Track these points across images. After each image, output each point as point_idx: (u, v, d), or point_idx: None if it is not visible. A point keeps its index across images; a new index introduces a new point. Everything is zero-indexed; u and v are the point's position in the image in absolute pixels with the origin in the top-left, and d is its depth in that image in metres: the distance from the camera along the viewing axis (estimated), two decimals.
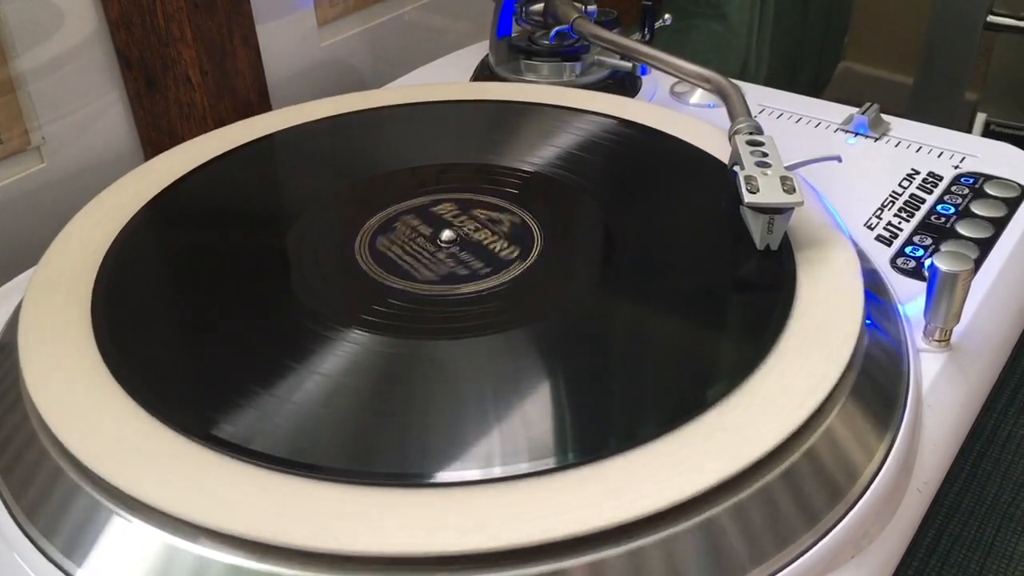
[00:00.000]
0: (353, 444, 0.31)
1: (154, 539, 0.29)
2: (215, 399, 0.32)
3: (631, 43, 0.52)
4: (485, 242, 0.40)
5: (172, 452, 0.30)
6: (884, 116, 0.54)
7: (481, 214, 0.42)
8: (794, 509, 0.31)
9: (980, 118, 1.08)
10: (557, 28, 0.56)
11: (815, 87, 1.20)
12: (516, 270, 0.39)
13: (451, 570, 0.28)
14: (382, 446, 0.30)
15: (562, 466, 0.30)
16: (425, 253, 0.40)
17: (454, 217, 0.42)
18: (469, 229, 0.41)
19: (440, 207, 0.43)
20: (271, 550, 0.28)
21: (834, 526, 0.31)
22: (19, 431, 0.33)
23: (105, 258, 0.39)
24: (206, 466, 0.30)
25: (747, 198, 0.38)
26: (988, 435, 0.46)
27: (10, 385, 0.35)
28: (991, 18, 0.98)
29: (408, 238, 0.41)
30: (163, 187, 0.44)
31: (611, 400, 0.32)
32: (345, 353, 0.34)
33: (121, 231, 0.41)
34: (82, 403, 0.32)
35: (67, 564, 0.30)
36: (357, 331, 0.35)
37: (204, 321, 0.37)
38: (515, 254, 0.39)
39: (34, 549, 0.30)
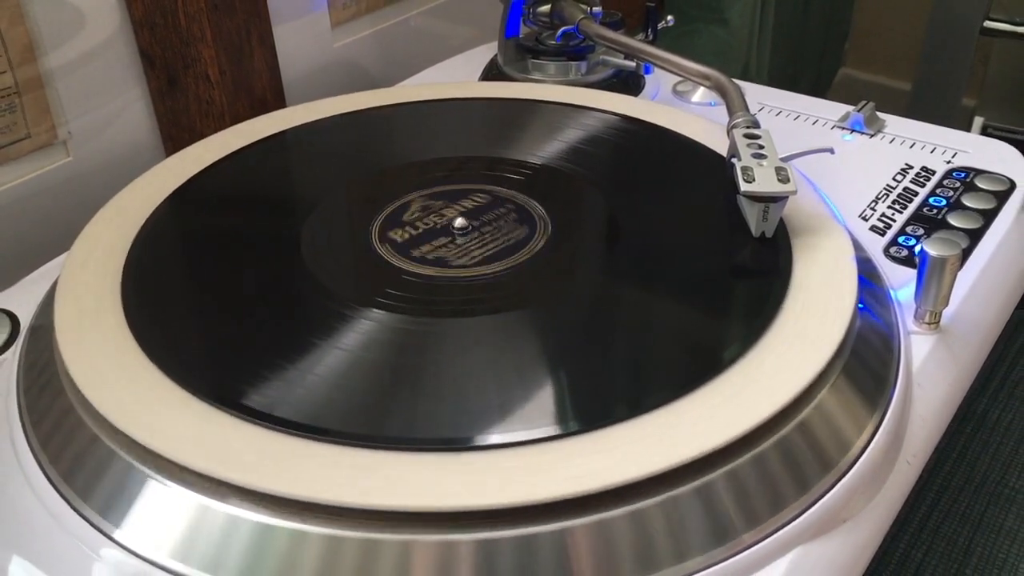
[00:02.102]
0: (371, 411, 0.33)
1: (187, 500, 0.31)
2: (242, 372, 0.34)
3: (635, 42, 0.54)
4: (495, 229, 0.42)
5: (204, 420, 0.32)
6: (879, 114, 0.56)
7: (491, 204, 0.44)
8: (786, 477, 0.32)
9: (977, 122, 1.09)
10: (563, 28, 0.58)
11: (816, 93, 1.21)
12: (524, 255, 0.41)
13: (457, 526, 0.29)
14: (397, 413, 0.32)
15: (565, 433, 0.31)
16: (438, 239, 0.42)
17: (466, 206, 0.44)
18: (480, 217, 0.43)
19: (452, 197, 0.45)
20: (294, 506, 0.30)
21: (825, 493, 0.33)
22: (56, 404, 0.35)
23: (134, 244, 0.41)
24: (235, 432, 0.32)
25: (743, 187, 0.40)
26: (978, 418, 0.48)
27: (46, 361, 0.37)
28: (987, 23, 1.00)
29: (421, 225, 0.42)
30: (189, 177, 0.46)
31: (614, 373, 0.34)
32: (364, 330, 0.36)
33: (149, 218, 0.43)
34: (118, 378, 0.34)
35: (105, 525, 0.32)
36: (375, 310, 0.37)
37: (230, 301, 0.39)
38: (524, 240, 0.41)
39: (74, 514, 0.32)
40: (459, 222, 0.42)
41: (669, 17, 0.61)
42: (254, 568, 0.29)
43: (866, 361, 0.37)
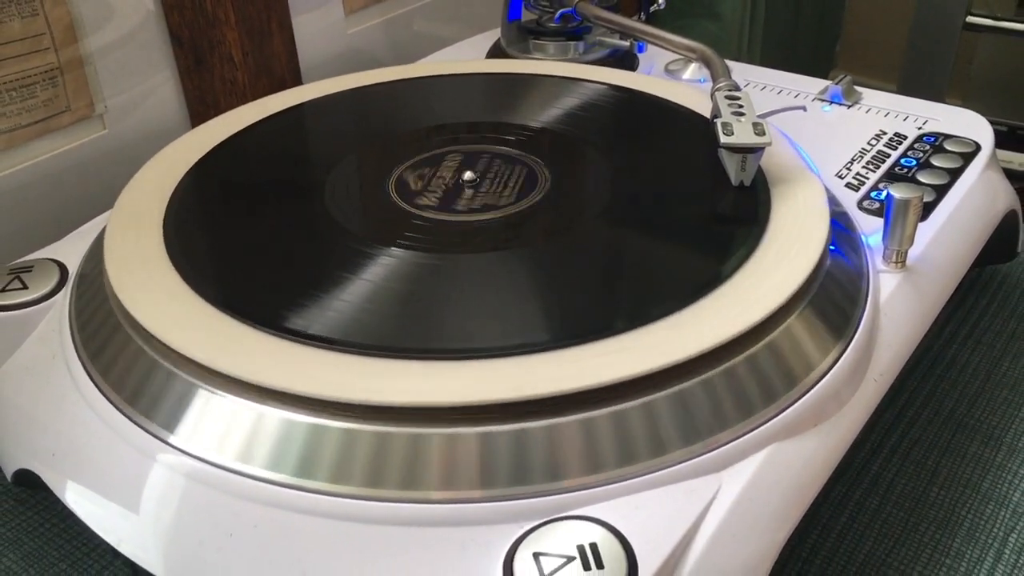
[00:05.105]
0: (390, 328, 0.37)
1: (231, 404, 0.35)
2: (279, 298, 0.38)
3: (627, 20, 0.59)
4: (500, 181, 0.46)
5: (250, 340, 0.36)
6: (856, 87, 0.61)
7: (497, 160, 0.48)
8: (756, 388, 0.36)
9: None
10: (562, 10, 0.62)
11: None
12: (525, 203, 0.45)
13: (460, 420, 0.33)
14: (413, 329, 0.37)
15: (555, 345, 0.35)
16: (450, 189, 0.46)
17: (474, 162, 0.48)
18: (486, 171, 0.47)
19: (462, 155, 0.49)
20: (325, 405, 0.34)
21: (796, 400, 0.37)
22: (107, 330, 0.39)
23: (174, 194, 0.46)
24: (275, 348, 0.36)
25: (723, 139, 0.44)
26: (948, 362, 0.52)
27: (95, 293, 0.41)
28: (970, 19, 1.04)
29: (434, 178, 0.47)
30: (222, 140, 0.50)
31: (603, 297, 0.38)
32: (386, 265, 0.40)
33: (187, 172, 0.47)
34: (172, 310, 0.38)
35: (159, 431, 0.36)
36: (396, 248, 0.41)
37: (267, 244, 0.43)
38: (525, 190, 0.46)
39: (131, 424, 0.36)
40: (468, 175, 0.46)
41: (660, 0, 0.65)
42: (281, 457, 0.34)
43: (835, 293, 0.41)
